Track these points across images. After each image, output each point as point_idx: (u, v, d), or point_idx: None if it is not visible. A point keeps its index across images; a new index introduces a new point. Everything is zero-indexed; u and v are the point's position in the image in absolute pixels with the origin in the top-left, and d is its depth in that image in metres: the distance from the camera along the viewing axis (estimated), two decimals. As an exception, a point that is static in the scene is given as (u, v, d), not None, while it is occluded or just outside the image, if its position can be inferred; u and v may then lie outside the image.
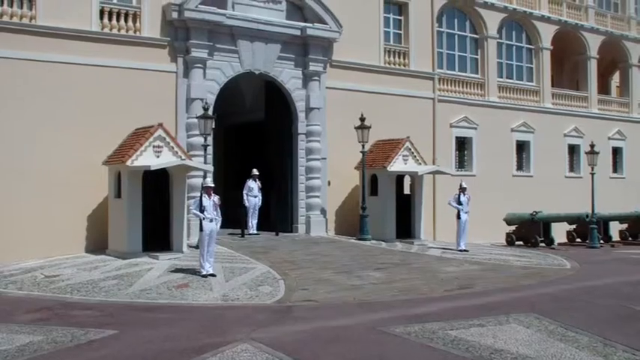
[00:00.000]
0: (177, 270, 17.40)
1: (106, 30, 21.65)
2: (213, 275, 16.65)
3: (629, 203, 34.70)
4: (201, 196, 17.28)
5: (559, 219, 29.72)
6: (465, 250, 23.24)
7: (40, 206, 19.80)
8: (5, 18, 19.95)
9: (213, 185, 17.44)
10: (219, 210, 17.33)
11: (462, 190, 23.66)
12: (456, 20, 32.53)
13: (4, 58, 19.59)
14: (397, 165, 25.09)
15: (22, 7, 20.31)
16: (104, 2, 21.74)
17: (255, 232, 24.72)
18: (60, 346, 10.64)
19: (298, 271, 17.91)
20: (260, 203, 24.89)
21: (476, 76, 32.80)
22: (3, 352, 10.28)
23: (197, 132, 21.75)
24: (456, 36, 32.50)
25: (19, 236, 19.31)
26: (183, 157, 19.89)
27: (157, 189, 19.66)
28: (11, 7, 20.14)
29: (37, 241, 19.52)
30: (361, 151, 24.64)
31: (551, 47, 35.79)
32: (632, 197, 36.52)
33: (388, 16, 28.95)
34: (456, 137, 31.28)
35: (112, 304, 14.22)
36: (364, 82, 27.11)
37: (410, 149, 25.56)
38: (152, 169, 18.59)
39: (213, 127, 21.24)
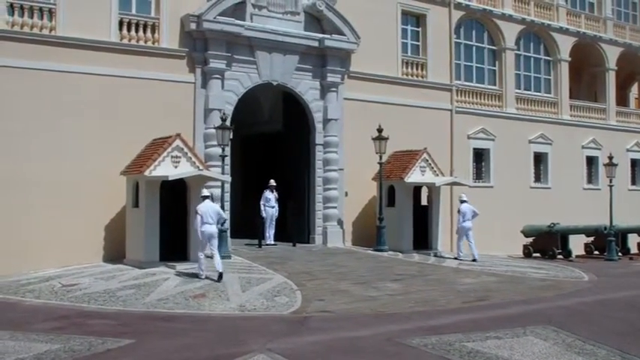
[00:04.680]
0: (194, 279, 17.44)
1: (125, 41, 21.79)
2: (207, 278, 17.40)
3: (648, 215, 34.43)
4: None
5: (577, 231, 29.52)
6: (457, 259, 23.68)
7: (59, 216, 19.89)
8: (25, 29, 20.13)
9: (209, 194, 18.31)
10: (221, 213, 18.39)
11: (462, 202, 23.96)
12: (473, 32, 32.46)
13: (24, 69, 19.71)
14: (414, 176, 25.07)
15: (42, 19, 20.45)
16: (123, 13, 21.90)
17: (272, 242, 24.77)
18: (77, 355, 10.68)
19: (315, 282, 17.91)
20: (277, 214, 24.97)
21: (494, 87, 32.71)
22: (21, 360, 10.35)
23: (215, 142, 21.86)
24: (474, 47, 32.42)
25: (37, 245, 19.40)
26: (201, 168, 19.95)
27: (175, 199, 19.74)
28: (31, 18, 20.30)
29: (55, 250, 19.62)
30: (378, 162, 24.62)
31: (569, 59, 35.64)
32: (651, 209, 36.23)
33: (406, 27, 28.98)
34: (474, 149, 31.20)
35: (129, 314, 14.28)
36: (382, 93, 27.10)
37: (427, 160, 25.55)
38: (170, 179, 18.70)
39: (231, 137, 21.44)
